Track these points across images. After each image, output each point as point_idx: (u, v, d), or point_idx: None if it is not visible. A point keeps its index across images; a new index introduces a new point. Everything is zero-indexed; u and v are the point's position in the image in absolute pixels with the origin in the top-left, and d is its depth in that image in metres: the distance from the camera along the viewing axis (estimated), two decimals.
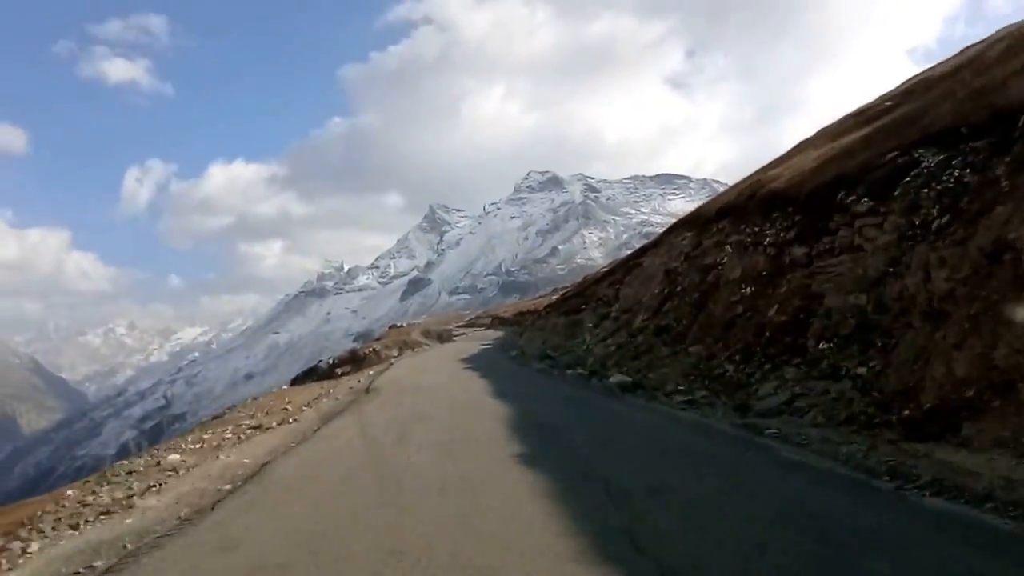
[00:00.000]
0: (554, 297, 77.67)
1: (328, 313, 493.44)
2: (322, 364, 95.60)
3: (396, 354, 75.72)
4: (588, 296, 32.73)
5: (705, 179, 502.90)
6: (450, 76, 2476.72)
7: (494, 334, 56.28)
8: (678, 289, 19.08)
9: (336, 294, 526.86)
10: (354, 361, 59.49)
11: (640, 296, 22.88)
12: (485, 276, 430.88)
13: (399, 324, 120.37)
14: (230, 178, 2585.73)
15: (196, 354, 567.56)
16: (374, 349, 75.80)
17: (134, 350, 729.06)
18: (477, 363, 26.68)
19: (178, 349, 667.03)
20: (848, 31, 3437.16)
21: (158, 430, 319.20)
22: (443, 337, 66.26)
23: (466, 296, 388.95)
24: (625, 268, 29.72)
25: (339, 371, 45.03)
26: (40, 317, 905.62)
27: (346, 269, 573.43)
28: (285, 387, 37.62)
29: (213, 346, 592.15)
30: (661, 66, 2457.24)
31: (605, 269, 48.46)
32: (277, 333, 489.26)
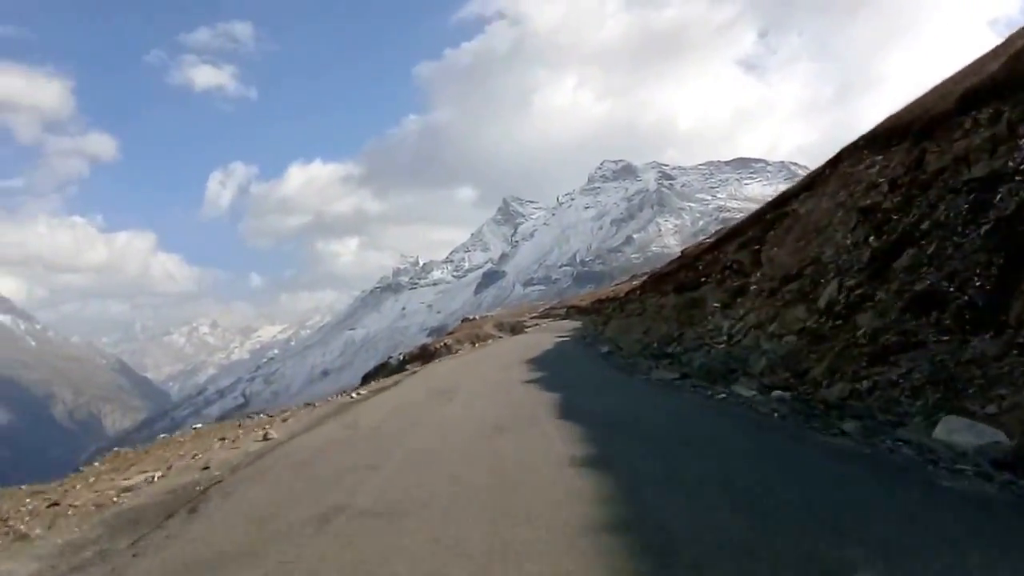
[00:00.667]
0: (633, 283, 69.74)
1: (403, 308, 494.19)
2: (392, 360, 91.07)
3: (467, 349, 69.28)
4: (706, 266, 24.70)
5: (783, 162, 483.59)
6: (522, 69, 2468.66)
7: (571, 324, 50.88)
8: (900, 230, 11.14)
9: (411, 289, 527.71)
10: (424, 357, 55.60)
11: (807, 255, 14.97)
12: (559, 267, 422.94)
13: (471, 317, 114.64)
14: (308, 178, 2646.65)
15: (275, 351, 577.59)
16: (445, 343, 70.98)
17: (216, 349, 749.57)
18: (550, 365, 19.07)
19: (258, 347, 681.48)
20: (926, 3, 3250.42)
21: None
22: (516, 329, 60.47)
23: (540, 287, 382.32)
24: (761, 223, 21.72)
25: (410, 367, 41.52)
26: (127, 318, 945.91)
27: (421, 264, 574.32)
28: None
29: (292, 343, 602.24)
30: (733, 49, 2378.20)
31: (724, 230, 38.58)
32: (353, 329, 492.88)
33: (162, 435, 17.33)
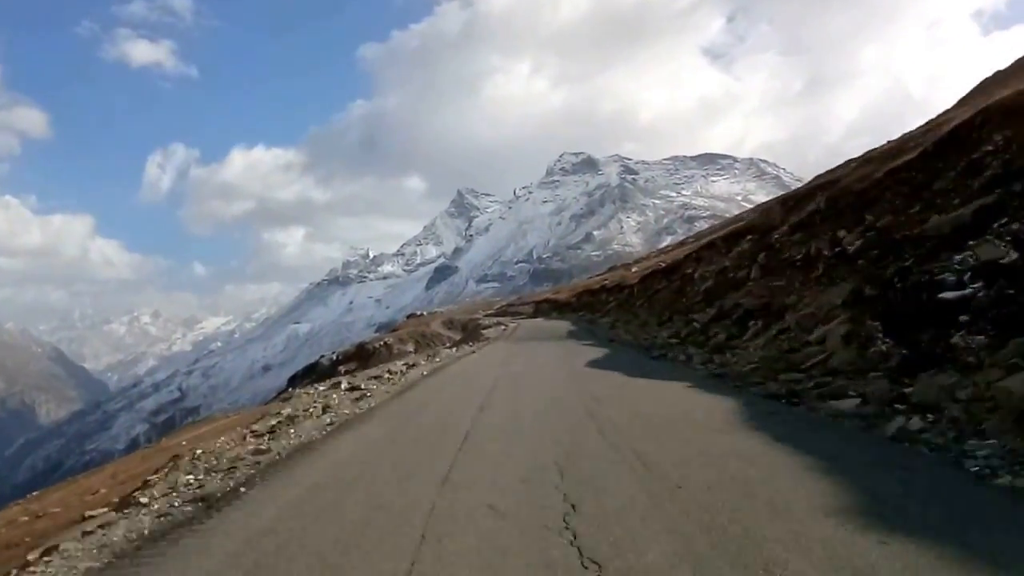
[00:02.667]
0: (614, 274, 56.82)
1: (351, 302, 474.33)
2: (324, 361, 75.42)
3: (411, 349, 52.43)
4: None
5: (751, 159, 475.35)
6: (474, 53, 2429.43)
7: (550, 325, 39.84)
8: None
9: (359, 282, 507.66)
10: (361, 357, 50.78)
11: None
12: (515, 263, 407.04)
13: (419, 313, 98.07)
14: (250, 163, 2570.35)
15: (219, 343, 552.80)
16: (385, 343, 56.69)
17: (158, 339, 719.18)
18: None
19: (201, 338, 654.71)
20: None
21: (170, 424, 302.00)
22: (468, 329, 45.38)
23: (495, 284, 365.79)
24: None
25: (343, 368, 37.92)
26: (65, 305, 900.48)
27: (371, 256, 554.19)
28: None
29: (236, 335, 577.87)
30: (698, 36, 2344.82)
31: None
32: (298, 323, 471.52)
33: None
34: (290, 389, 74.59)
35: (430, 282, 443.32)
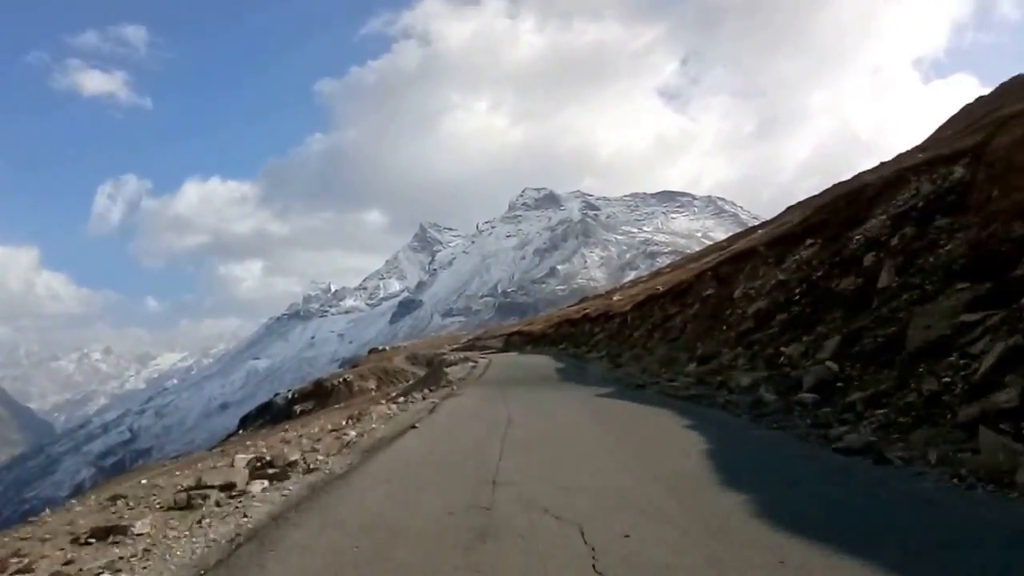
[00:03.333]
0: (584, 306, 53.67)
1: (312, 337, 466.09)
2: (278, 399, 73.46)
3: (373, 386, 51.31)
4: None
5: (709, 196, 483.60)
6: (432, 89, 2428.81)
7: (528, 361, 31.35)
8: None
9: (321, 316, 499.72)
10: (319, 395, 50.09)
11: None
12: (480, 297, 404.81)
13: (381, 348, 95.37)
14: (205, 196, 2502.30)
15: (175, 380, 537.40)
16: (345, 380, 55.28)
17: (109, 376, 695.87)
18: None
19: (156, 375, 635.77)
20: (851, 40, 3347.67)
21: (120, 467, 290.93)
22: (433, 366, 42.00)
23: (460, 318, 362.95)
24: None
25: (299, 408, 38.40)
26: (9, 341, 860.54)
27: (333, 290, 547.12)
28: None
29: (193, 372, 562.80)
30: (654, 78, 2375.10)
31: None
32: (257, 359, 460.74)
33: None
34: (240, 432, 70.97)
35: (394, 316, 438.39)
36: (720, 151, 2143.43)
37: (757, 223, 62.89)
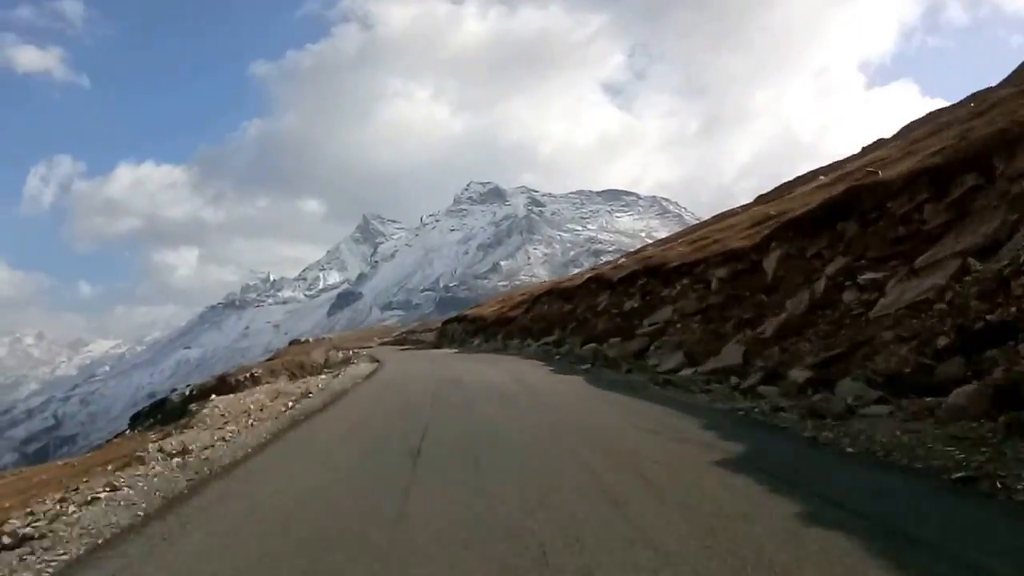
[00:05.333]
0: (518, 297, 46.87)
1: (247, 327, 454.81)
2: (174, 396, 67.77)
3: (283, 382, 44.63)
4: None
5: (654, 196, 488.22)
6: (373, 75, 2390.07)
7: (478, 377, 21.61)
8: None
9: (257, 307, 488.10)
10: (221, 391, 37.03)
11: None
12: (421, 291, 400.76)
13: (303, 339, 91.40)
14: (137, 179, 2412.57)
15: (107, 368, 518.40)
16: (252, 375, 48.04)
17: (41, 362, 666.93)
18: None
19: (88, 362, 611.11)
20: (798, 40, 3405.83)
21: (43, 454, 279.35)
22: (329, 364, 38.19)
23: (400, 312, 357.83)
24: None
25: (194, 407, 24.85)
26: None
27: (272, 280, 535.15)
28: None
29: (126, 360, 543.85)
30: (598, 70, 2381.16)
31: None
32: (188, 348, 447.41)
33: None
34: (127, 432, 66.71)
35: (332, 308, 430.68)
36: (663, 149, 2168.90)
37: (697, 223, 61.74)
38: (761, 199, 42.69)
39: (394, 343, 78.53)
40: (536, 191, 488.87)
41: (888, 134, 43.22)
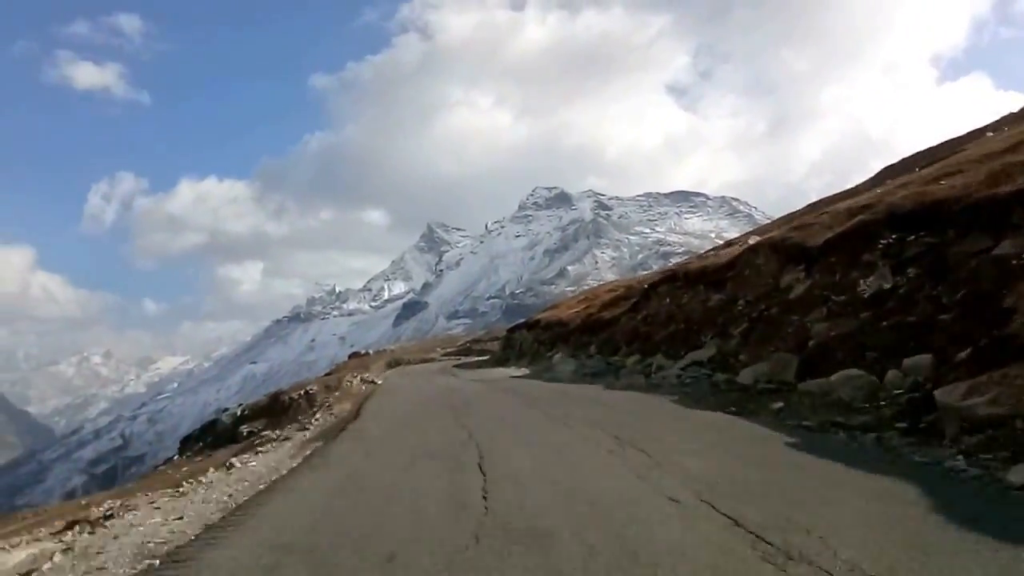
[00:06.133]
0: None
1: (313, 340, 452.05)
2: (224, 418, 58.82)
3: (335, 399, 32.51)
4: None
5: (723, 197, 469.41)
6: (434, 84, 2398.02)
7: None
8: None
9: (323, 319, 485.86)
10: (273, 412, 37.08)
11: None
12: (487, 299, 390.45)
13: (362, 352, 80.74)
14: (200, 195, 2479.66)
15: (176, 384, 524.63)
16: (307, 392, 41.26)
17: (110, 381, 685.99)
18: None
19: (157, 379, 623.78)
20: (866, 35, 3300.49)
21: (111, 475, 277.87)
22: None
23: (466, 320, 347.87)
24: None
25: (245, 429, 29.22)
26: (7, 345, 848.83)
27: (337, 292, 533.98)
28: None
29: (195, 376, 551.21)
30: (662, 72, 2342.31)
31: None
32: (255, 363, 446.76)
33: None
34: (175, 458, 56.55)
35: (398, 319, 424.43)
36: (730, 149, 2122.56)
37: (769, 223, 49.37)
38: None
39: (457, 353, 68.71)
40: (603, 194, 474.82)
41: (962, 130, 39.95)
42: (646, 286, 28.66)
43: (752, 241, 24.24)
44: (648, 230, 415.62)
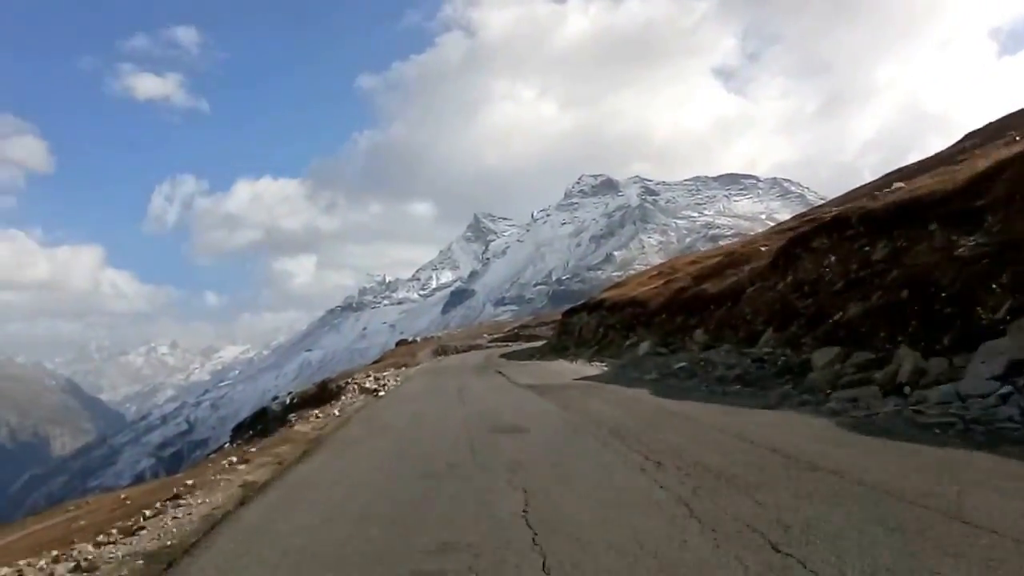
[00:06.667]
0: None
1: (364, 328, 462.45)
2: (274, 406, 62.29)
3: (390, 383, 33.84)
4: None
5: (775, 178, 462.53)
6: (478, 79, 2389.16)
7: None
8: None
9: (373, 308, 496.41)
10: (321, 399, 35.61)
11: None
12: (534, 286, 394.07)
13: (409, 339, 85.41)
14: (256, 194, 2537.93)
15: (237, 372, 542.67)
16: (354, 380, 42.37)
17: (176, 369, 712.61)
18: None
19: (220, 367, 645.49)
20: (921, 10, 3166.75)
21: (178, 458, 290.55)
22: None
23: (513, 307, 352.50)
24: None
25: (294, 417, 25.83)
26: (79, 338, 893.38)
27: (387, 281, 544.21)
28: None
29: (255, 364, 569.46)
30: (709, 56, 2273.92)
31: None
32: (310, 351, 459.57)
33: None
34: (227, 445, 61.72)
35: (446, 306, 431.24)
36: (781, 131, 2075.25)
37: (824, 203, 49.97)
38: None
39: (505, 339, 70.76)
40: (649, 180, 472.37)
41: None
42: (789, 239, 20.03)
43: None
44: (696, 214, 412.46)
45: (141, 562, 5.84)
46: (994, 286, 9.74)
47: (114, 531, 7.39)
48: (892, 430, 7.83)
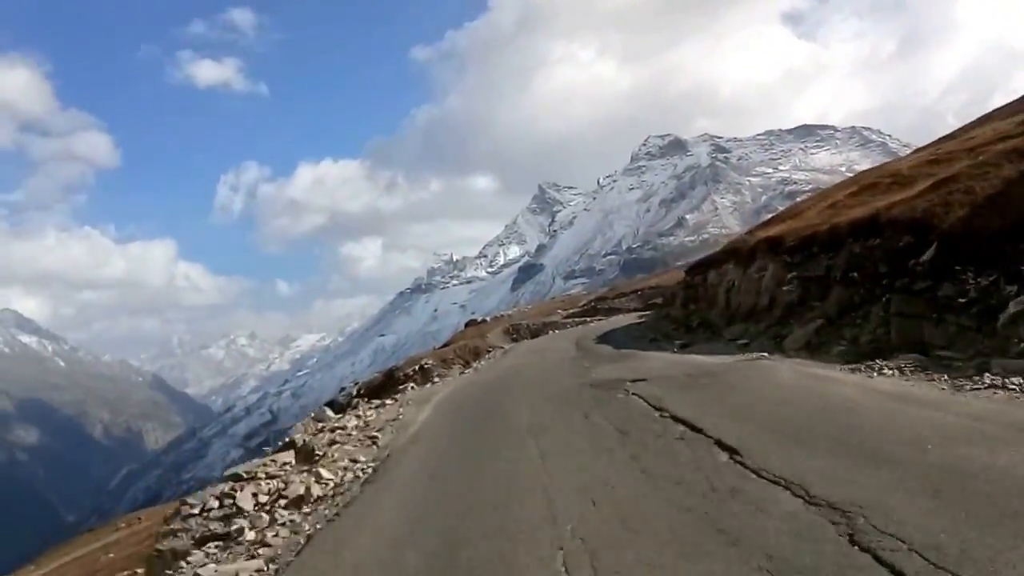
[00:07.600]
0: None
1: (435, 309, 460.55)
2: (340, 397, 56.42)
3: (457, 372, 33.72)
4: None
5: (853, 127, 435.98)
6: (533, 43, 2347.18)
7: None
8: None
9: (442, 288, 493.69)
10: (387, 388, 36.77)
11: None
12: (604, 256, 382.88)
13: (478, 319, 77.82)
14: (317, 178, 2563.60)
15: (315, 360, 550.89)
16: (422, 367, 41.25)
17: (256, 360, 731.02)
18: None
19: (298, 356, 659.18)
20: None
21: (265, 447, 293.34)
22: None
23: (583, 280, 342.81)
24: None
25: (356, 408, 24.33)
26: (161, 334, 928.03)
27: (455, 260, 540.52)
28: None
29: (331, 351, 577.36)
30: (775, 1, 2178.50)
31: None
32: (383, 335, 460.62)
33: None
34: (285, 439, 56.87)
35: (515, 283, 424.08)
36: (856, 76, 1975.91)
37: (909, 151, 40.03)
38: None
39: (582, 314, 62.43)
40: (719, 137, 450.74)
41: None
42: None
43: None
44: (771, 170, 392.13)
45: None
46: None
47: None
48: None
